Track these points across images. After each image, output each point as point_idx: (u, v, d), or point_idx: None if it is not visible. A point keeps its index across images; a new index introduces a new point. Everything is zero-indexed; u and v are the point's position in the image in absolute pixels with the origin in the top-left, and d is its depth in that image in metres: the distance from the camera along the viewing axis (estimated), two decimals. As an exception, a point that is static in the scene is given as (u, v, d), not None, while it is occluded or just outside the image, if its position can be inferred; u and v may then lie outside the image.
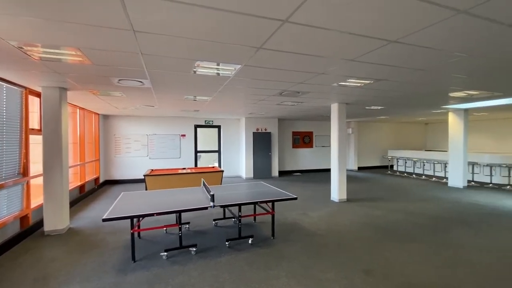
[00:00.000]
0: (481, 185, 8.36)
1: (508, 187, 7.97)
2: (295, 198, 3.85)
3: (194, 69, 3.28)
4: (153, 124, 9.52)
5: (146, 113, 8.30)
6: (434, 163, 10.55)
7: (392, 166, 12.79)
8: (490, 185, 8.37)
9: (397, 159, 12.23)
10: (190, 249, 3.47)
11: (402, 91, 4.82)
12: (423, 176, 10.34)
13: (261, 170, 10.21)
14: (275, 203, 5.95)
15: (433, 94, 5.25)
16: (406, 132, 14.21)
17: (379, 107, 7.27)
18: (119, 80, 3.79)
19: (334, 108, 6.49)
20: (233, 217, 4.75)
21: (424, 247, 3.61)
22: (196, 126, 10.18)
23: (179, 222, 3.42)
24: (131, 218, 2.99)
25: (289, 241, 3.83)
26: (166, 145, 9.68)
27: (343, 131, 6.43)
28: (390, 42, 2.41)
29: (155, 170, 7.10)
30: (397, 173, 11.50)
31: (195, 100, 5.70)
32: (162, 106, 6.64)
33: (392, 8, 1.79)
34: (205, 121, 10.32)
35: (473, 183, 8.75)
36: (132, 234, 3.21)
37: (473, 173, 9.21)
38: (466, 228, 4.39)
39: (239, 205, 3.55)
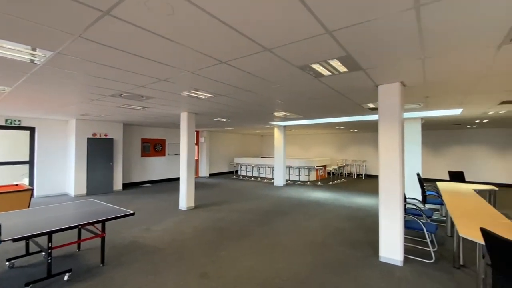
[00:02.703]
0: (294, 183, 11.19)
1: (308, 183, 11.15)
2: (132, 214, 3.45)
3: (-34, 43, 2.23)
4: None
5: None
6: (266, 168, 13.04)
7: (237, 172, 14.58)
8: (299, 182, 11.39)
9: (240, 165, 14.08)
10: None
11: (240, 107, 5.60)
12: (259, 179, 12.50)
13: (98, 184, 8.52)
14: (108, 223, 5.12)
15: (262, 112, 6.47)
16: (248, 142, 16.73)
17: (225, 119, 8.09)
18: None
19: (184, 117, 6.55)
20: (42, 251, 3.58)
21: (253, 239, 4.27)
22: (-12, 127, 7.05)
23: None
24: None
25: (124, 264, 3.36)
26: None
27: (192, 140, 6.58)
28: (222, 62, 2.71)
29: None
30: (241, 177, 13.22)
31: (-20, 89, 3.92)
32: None
33: (216, 32, 2.01)
34: (6, 120, 7.37)
35: (289, 181, 11.55)
36: None
37: (289, 174, 12.21)
38: (282, 217, 5.65)
39: (49, 233, 2.71)
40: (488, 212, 3.34)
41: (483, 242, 2.06)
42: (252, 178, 12.72)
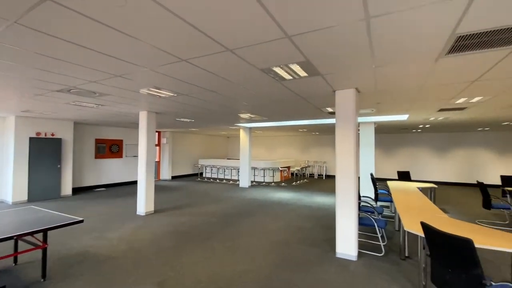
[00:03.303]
0: (259, 184, 11.30)
1: (272, 184, 11.35)
2: (81, 221, 3.14)
3: None
4: None
5: None
6: (231, 169, 12.96)
7: (201, 174, 14.25)
8: (264, 183, 11.53)
9: (205, 167, 13.79)
10: None
11: (204, 107, 5.47)
12: (224, 180, 12.37)
13: (42, 189, 7.62)
14: (53, 232, 4.63)
15: (227, 113, 6.41)
16: (213, 143, 16.47)
17: (188, 120, 7.85)
18: None
19: (143, 116, 6.20)
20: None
21: (216, 243, 4.19)
22: None
23: None
24: None
25: (70, 277, 3.04)
26: None
27: (152, 140, 6.25)
28: (182, 60, 2.62)
29: None
30: (206, 179, 12.94)
31: None
32: None
33: (173, 28, 1.94)
34: None
35: (254, 183, 11.63)
36: None
37: (254, 175, 12.30)
38: (246, 219, 5.65)
39: (-26, 247, 2.34)
40: (429, 207, 3.73)
41: (423, 235, 2.29)
42: (217, 180, 12.54)
